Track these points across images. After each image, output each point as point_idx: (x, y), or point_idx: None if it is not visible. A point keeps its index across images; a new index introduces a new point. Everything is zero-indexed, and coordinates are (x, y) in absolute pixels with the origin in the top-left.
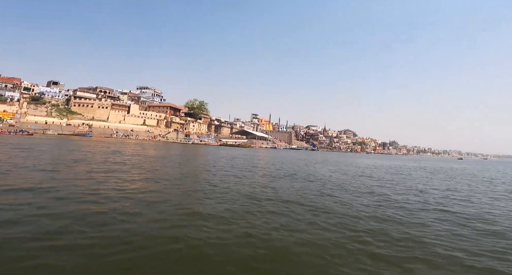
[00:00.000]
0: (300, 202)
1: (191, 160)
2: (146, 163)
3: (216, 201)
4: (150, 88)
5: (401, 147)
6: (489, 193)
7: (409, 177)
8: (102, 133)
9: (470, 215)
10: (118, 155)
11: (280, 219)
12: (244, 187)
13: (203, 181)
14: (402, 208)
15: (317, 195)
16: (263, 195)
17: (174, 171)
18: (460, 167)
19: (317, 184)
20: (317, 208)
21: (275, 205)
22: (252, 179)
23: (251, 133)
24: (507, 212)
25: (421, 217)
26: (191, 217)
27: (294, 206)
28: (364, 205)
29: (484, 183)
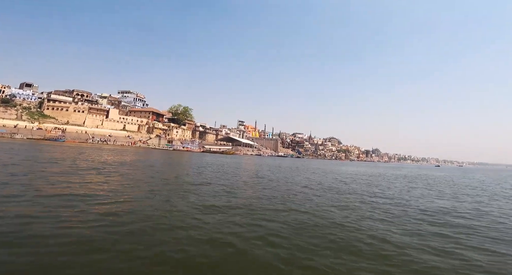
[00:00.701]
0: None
1: (161, 171)
2: (103, 173)
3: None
4: (133, 92)
5: (383, 155)
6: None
7: (387, 191)
8: (77, 138)
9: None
10: (73, 164)
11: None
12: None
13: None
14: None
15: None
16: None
17: (135, 185)
18: (441, 175)
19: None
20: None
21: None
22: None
23: (237, 140)
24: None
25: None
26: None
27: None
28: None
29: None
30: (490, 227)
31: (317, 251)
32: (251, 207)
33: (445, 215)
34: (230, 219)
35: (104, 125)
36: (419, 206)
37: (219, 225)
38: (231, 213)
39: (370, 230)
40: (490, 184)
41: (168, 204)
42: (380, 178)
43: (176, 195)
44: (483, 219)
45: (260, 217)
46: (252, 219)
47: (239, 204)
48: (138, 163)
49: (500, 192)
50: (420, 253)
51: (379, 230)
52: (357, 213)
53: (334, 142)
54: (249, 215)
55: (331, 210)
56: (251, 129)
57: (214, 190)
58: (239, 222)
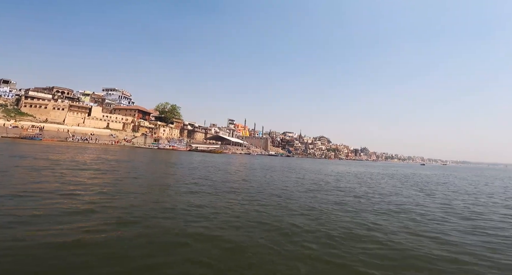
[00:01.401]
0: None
1: (132, 170)
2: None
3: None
4: (118, 90)
5: (371, 154)
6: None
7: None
8: (55, 136)
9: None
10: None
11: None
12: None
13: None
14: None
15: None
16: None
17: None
18: (430, 173)
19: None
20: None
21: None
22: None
23: (226, 139)
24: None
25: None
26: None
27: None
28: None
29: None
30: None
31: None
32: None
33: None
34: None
35: (86, 124)
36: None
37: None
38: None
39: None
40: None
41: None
42: (368, 179)
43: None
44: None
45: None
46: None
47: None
48: (96, 163)
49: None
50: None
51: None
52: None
53: (324, 141)
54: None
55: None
56: (241, 128)
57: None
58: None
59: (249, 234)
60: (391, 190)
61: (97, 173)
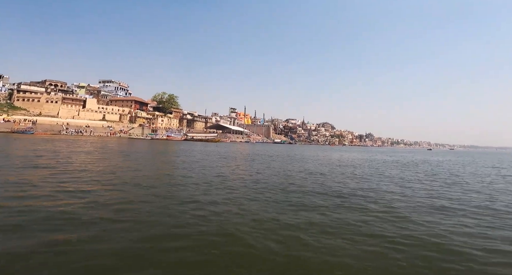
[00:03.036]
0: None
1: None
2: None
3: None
4: (115, 81)
5: (376, 139)
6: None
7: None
8: (49, 130)
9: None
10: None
11: None
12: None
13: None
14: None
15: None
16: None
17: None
18: (435, 160)
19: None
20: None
21: None
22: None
23: (227, 127)
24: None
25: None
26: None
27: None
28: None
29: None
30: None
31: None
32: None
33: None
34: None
35: (81, 116)
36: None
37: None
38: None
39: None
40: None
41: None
42: (360, 168)
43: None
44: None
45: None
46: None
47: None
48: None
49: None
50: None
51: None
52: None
53: (328, 127)
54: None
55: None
56: (243, 116)
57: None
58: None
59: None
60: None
61: (44, 170)
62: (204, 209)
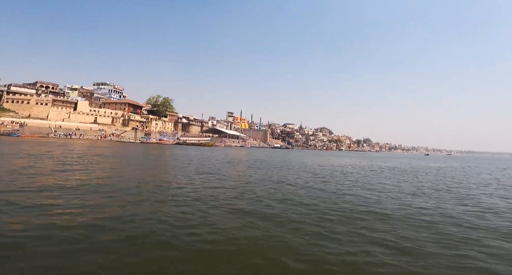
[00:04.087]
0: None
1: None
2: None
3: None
4: (109, 84)
5: (374, 144)
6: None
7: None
8: (36, 132)
9: None
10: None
11: None
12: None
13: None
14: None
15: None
16: None
17: None
18: (444, 166)
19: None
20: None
21: None
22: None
23: (223, 131)
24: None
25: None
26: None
27: None
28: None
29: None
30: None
31: None
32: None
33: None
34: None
35: (72, 118)
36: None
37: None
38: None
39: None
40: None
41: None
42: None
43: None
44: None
45: None
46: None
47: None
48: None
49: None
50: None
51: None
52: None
53: (326, 132)
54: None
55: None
56: (240, 120)
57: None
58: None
59: None
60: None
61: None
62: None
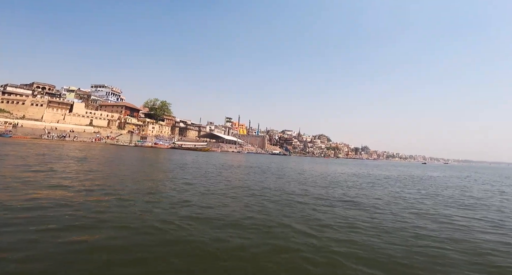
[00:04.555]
0: None
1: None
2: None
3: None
4: (107, 86)
5: (372, 152)
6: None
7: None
8: (30, 133)
9: None
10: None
11: None
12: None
13: None
14: None
15: None
16: None
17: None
18: (447, 175)
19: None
20: None
21: None
22: None
23: (220, 137)
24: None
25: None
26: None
27: None
28: None
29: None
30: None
31: None
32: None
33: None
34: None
35: (67, 120)
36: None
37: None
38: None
39: None
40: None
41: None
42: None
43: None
44: None
45: None
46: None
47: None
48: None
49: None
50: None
51: None
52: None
53: (324, 139)
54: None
55: None
56: (239, 126)
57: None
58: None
59: None
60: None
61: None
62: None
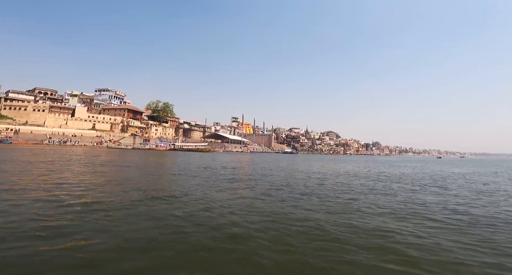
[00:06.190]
0: None
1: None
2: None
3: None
4: (111, 90)
5: (383, 148)
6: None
7: None
8: (31, 139)
9: None
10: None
11: None
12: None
13: None
14: None
15: None
16: None
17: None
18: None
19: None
20: None
21: None
22: None
23: (225, 137)
24: None
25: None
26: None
27: None
28: None
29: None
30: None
31: None
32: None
33: None
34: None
35: (69, 125)
36: None
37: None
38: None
39: None
40: None
41: None
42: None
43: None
44: None
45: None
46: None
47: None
48: None
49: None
50: None
51: None
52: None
53: (332, 136)
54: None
55: None
56: (245, 125)
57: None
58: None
59: None
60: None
61: None
62: None
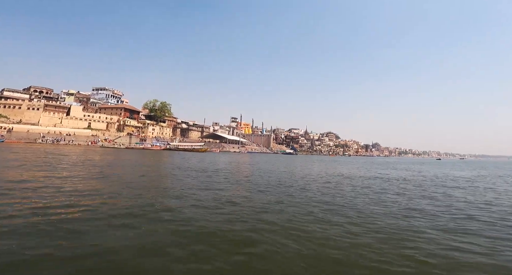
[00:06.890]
0: None
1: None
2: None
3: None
4: (108, 89)
5: (383, 149)
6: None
7: None
8: (24, 138)
9: None
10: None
11: None
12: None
13: None
14: None
15: None
16: None
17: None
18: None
19: None
20: None
21: None
22: None
23: (223, 137)
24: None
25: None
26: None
27: None
28: None
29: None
30: None
31: None
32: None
33: None
34: None
35: (64, 124)
36: None
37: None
38: None
39: None
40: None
41: None
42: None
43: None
44: None
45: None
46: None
47: None
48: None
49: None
50: None
51: None
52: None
53: (332, 137)
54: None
55: None
56: (244, 125)
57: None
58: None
59: None
60: None
61: None
62: None
